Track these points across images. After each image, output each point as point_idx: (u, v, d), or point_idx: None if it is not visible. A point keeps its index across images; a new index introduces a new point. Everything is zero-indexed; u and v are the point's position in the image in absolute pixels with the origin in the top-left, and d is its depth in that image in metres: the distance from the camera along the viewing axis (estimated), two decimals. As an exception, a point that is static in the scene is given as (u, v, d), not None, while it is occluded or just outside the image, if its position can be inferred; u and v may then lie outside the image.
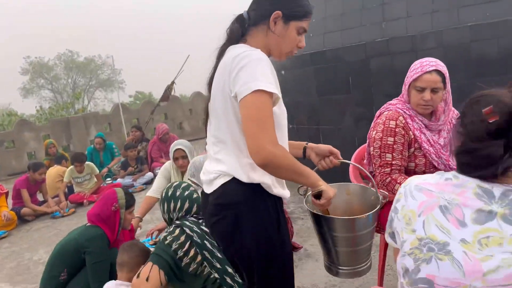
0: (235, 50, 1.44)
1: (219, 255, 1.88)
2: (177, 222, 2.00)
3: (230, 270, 1.86)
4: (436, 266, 0.98)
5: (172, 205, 2.13)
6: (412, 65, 2.17)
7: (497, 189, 0.97)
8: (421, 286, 1.00)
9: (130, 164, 6.74)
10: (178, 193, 2.16)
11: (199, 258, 1.86)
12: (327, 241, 1.65)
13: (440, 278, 0.97)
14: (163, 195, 2.21)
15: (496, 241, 0.92)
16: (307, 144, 1.79)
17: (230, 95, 1.40)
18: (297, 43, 1.52)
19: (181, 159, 3.65)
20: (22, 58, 32.46)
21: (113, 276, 2.44)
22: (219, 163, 1.51)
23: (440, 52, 4.19)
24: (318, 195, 1.50)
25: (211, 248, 1.88)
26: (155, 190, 3.73)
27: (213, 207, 1.52)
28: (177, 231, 1.92)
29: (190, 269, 1.86)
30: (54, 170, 6.08)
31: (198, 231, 1.92)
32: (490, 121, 0.96)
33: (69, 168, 5.94)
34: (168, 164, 3.83)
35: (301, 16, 1.48)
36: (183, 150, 3.64)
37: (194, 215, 2.09)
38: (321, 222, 1.62)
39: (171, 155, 3.71)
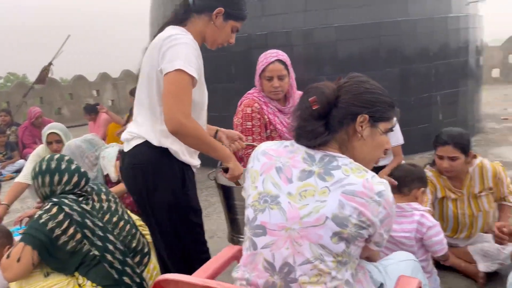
0: (170, 30, 1.63)
1: (100, 233, 1.89)
2: (55, 199, 1.91)
3: (111, 247, 1.89)
4: (269, 214, 1.20)
5: (56, 178, 1.97)
6: (259, 57, 2.44)
7: (317, 155, 1.22)
8: (257, 231, 1.21)
9: (-2, 150, 6.13)
10: (63, 166, 2.01)
11: (78, 236, 1.84)
12: (231, 211, 1.83)
13: (271, 224, 1.19)
14: (43, 167, 2.00)
15: (311, 193, 1.16)
16: (218, 129, 2.03)
17: (157, 68, 1.58)
18: (229, 39, 1.76)
19: (55, 143, 3.47)
20: None
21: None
22: (137, 125, 1.71)
23: (311, 48, 4.64)
24: (226, 170, 1.74)
25: (92, 226, 1.88)
26: (25, 175, 3.48)
27: (126, 165, 1.72)
28: (55, 209, 1.85)
29: (68, 247, 1.84)
30: None
31: (78, 209, 1.88)
32: (313, 108, 1.20)
33: None
34: (41, 149, 3.61)
35: (239, 18, 1.73)
36: (57, 134, 3.46)
37: (78, 192, 2.01)
38: (227, 193, 1.81)
39: (44, 139, 3.50)
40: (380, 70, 4.68)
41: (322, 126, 1.22)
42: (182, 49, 1.56)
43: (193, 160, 1.77)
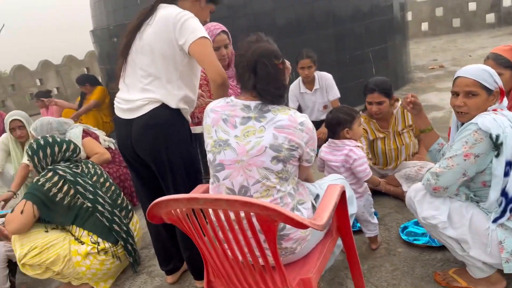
0: (171, 8, 1.93)
1: (91, 189, 2.25)
2: (49, 167, 2.25)
3: (100, 200, 2.26)
4: (224, 154, 1.58)
5: (56, 148, 2.36)
6: None
7: (252, 104, 1.60)
8: (218, 168, 1.60)
9: None
10: (58, 139, 2.40)
11: (72, 191, 2.20)
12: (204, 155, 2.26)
13: (226, 160, 1.57)
14: (41, 142, 2.37)
15: (252, 132, 1.55)
16: None
17: (177, 42, 1.88)
18: (206, 18, 2.11)
19: (18, 129, 3.64)
20: None
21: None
22: (148, 92, 1.95)
23: (250, 18, 4.96)
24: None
25: (83, 183, 2.24)
26: (-5, 163, 3.67)
27: (140, 128, 1.96)
28: (50, 174, 2.21)
29: (65, 202, 2.19)
30: None
31: (70, 171, 2.27)
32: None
33: None
34: (5, 136, 3.77)
35: (217, 2, 2.11)
36: (19, 120, 3.63)
37: (71, 159, 2.38)
38: (201, 140, 2.16)
39: (6, 127, 3.66)
40: (316, 33, 5.10)
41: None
42: (195, 21, 1.89)
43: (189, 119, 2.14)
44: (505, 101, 1.89)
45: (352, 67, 5.37)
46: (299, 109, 4.27)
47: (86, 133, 3.35)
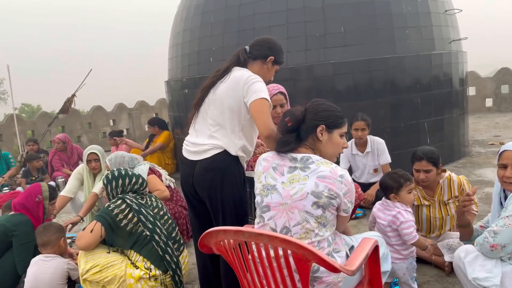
0: (243, 71, 2.28)
1: (151, 219, 2.57)
2: (120, 196, 2.61)
3: (158, 230, 2.54)
4: (270, 197, 1.82)
5: (127, 180, 2.74)
6: None
7: (298, 156, 1.84)
8: (264, 209, 1.83)
9: (32, 174, 6.79)
10: (130, 172, 2.80)
11: (135, 219, 2.52)
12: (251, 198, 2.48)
13: (272, 203, 1.81)
14: (116, 174, 2.76)
15: (297, 180, 1.78)
16: None
17: (242, 99, 2.21)
18: (271, 77, 2.45)
19: (94, 161, 4.12)
20: None
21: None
22: (214, 139, 2.26)
23: (311, 82, 5.32)
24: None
25: (145, 214, 2.56)
26: (67, 191, 4.14)
27: (202, 169, 2.26)
28: (119, 201, 2.56)
29: (128, 228, 2.51)
30: None
31: (136, 202, 2.62)
32: (288, 125, 1.85)
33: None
34: (81, 167, 4.26)
35: (281, 63, 2.45)
36: (96, 154, 4.12)
37: (138, 192, 2.75)
38: (251, 183, 2.44)
39: (84, 158, 4.16)
40: (372, 100, 5.33)
41: (293, 137, 1.87)
42: (261, 85, 2.22)
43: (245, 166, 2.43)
44: None
45: (406, 136, 5.47)
46: (350, 170, 4.42)
47: (151, 171, 3.74)
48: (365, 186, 4.25)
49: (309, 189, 1.73)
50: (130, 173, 2.76)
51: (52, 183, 6.70)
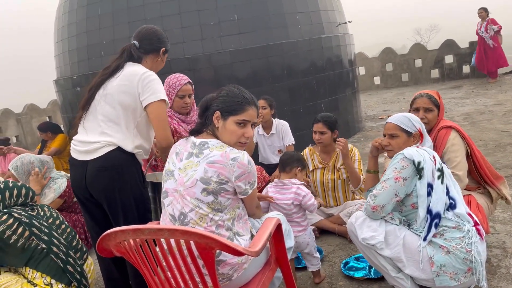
0: (136, 67, 2.19)
1: (46, 230, 2.29)
2: (4, 210, 2.28)
3: (55, 241, 2.30)
4: (168, 183, 1.81)
5: (7, 194, 2.33)
6: (168, 80, 2.93)
7: (197, 141, 1.84)
8: (164, 195, 1.82)
9: None
10: (11, 184, 2.39)
11: (27, 233, 2.23)
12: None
13: (170, 189, 1.80)
14: None
15: (191, 166, 1.78)
16: None
17: (138, 97, 2.12)
18: (163, 66, 2.42)
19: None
20: None
21: None
22: (106, 136, 2.12)
23: (211, 71, 5.30)
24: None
25: (38, 225, 2.28)
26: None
27: (95, 169, 2.11)
28: (5, 216, 2.22)
29: (19, 244, 2.22)
30: None
31: (26, 214, 2.29)
32: (199, 111, 1.84)
33: None
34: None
35: (168, 50, 2.38)
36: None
37: (26, 203, 2.40)
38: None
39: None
40: (271, 85, 5.48)
41: (201, 123, 1.90)
42: (158, 83, 2.14)
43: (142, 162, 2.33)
44: (428, 142, 2.25)
45: (306, 117, 5.73)
46: (256, 147, 4.52)
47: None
48: (270, 168, 4.38)
49: (198, 176, 1.74)
50: (11, 185, 2.44)
51: None
